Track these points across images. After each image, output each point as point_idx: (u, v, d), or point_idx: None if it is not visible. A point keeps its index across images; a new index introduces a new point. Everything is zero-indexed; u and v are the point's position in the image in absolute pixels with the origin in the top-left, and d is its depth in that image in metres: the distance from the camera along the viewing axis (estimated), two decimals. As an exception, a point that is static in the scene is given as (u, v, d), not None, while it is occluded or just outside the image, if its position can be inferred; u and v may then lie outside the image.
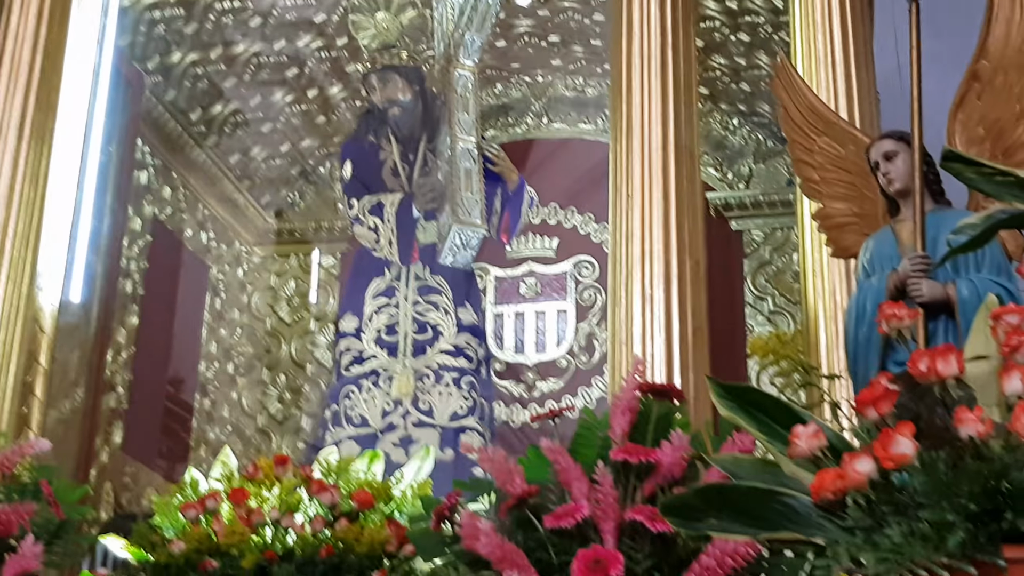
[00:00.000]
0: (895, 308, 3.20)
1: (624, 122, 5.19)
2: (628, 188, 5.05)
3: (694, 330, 4.78)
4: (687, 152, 5.11)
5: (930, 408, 2.38)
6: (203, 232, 8.17)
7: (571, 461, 3.49)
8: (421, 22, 6.63)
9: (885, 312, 3.22)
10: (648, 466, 3.38)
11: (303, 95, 8.10)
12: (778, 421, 2.76)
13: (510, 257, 8.09)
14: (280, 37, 7.60)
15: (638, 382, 3.62)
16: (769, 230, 7.97)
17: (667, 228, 4.96)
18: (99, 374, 6.63)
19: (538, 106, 8.46)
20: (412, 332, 6.15)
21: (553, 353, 7.95)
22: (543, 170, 8.17)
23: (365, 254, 6.38)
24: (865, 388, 2.68)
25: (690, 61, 5.33)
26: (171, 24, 7.24)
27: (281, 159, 8.51)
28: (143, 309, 7.29)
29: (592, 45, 7.86)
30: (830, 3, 5.41)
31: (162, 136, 7.59)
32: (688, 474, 3.42)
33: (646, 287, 4.83)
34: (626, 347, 4.79)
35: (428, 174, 6.30)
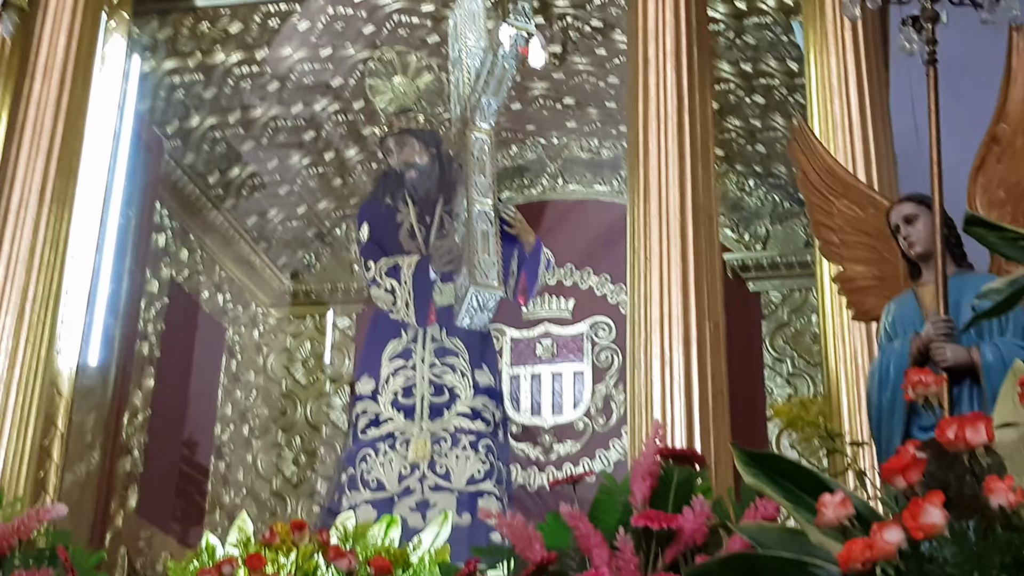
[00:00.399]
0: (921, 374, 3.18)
1: (641, 184, 5.19)
2: (646, 250, 5.04)
3: (714, 394, 4.74)
4: (705, 214, 5.10)
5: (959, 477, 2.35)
6: (220, 294, 8.18)
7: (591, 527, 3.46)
8: (438, 86, 6.67)
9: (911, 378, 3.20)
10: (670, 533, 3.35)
11: (320, 158, 8.14)
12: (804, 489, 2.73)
13: (526, 318, 8.07)
14: (297, 101, 7.65)
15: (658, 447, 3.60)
16: (787, 291, 7.95)
17: (686, 290, 4.94)
18: (115, 437, 6.61)
19: (554, 167, 8.48)
20: (429, 394, 6.12)
21: (570, 415, 7.91)
22: (559, 231, 8.17)
23: (382, 316, 6.37)
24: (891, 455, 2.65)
25: (706, 123, 5.34)
26: (190, 89, 7.30)
27: (298, 221, 8.53)
28: (159, 371, 7.28)
29: (607, 107, 7.88)
30: (846, 65, 5.42)
31: (180, 199, 7.63)
32: (711, 541, 3.39)
33: (665, 349, 4.81)
34: (645, 410, 4.75)
35: (445, 236, 6.31)
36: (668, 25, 5.40)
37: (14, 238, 5.55)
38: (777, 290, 7.97)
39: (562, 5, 7.10)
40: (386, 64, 6.71)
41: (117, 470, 6.69)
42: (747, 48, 7.03)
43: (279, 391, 8.49)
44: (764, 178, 8.02)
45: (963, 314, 3.81)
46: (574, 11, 7.12)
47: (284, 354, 8.60)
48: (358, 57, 7.38)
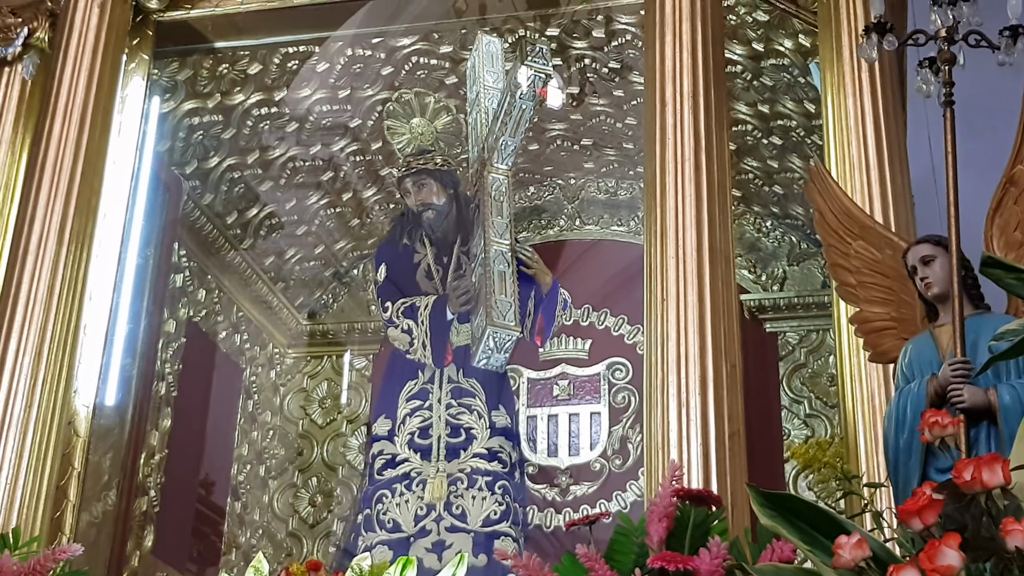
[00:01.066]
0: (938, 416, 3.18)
1: (658, 225, 5.20)
2: (663, 291, 5.05)
3: (731, 434, 4.74)
4: (722, 254, 5.11)
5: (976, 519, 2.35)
6: (237, 334, 8.19)
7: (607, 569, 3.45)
8: (456, 127, 6.71)
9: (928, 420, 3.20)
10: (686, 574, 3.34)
11: (338, 198, 8.17)
12: (820, 530, 2.73)
13: (543, 359, 8.06)
14: (316, 142, 7.69)
15: (675, 488, 3.59)
16: (804, 332, 7.93)
17: (702, 330, 4.94)
18: (132, 477, 6.62)
19: (571, 208, 8.49)
20: (445, 435, 6.13)
21: (587, 456, 7.88)
22: (576, 271, 8.17)
23: (398, 356, 6.39)
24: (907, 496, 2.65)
25: (723, 164, 5.36)
26: (209, 130, 7.35)
27: (315, 261, 8.55)
28: (176, 412, 7.29)
29: (624, 148, 7.91)
30: (863, 106, 5.44)
31: (198, 239, 7.66)
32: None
33: (682, 390, 4.81)
34: (662, 451, 4.75)
35: (462, 276, 6.33)
36: (685, 67, 5.43)
37: (33, 278, 5.59)
38: (794, 331, 7.95)
39: (580, 47, 7.14)
40: (404, 105, 6.75)
41: (133, 510, 6.69)
42: (764, 89, 7.05)
43: (296, 431, 8.49)
44: (781, 219, 8.02)
45: (980, 355, 3.81)
46: (592, 53, 7.16)
47: (301, 394, 8.60)
48: (376, 98, 7.43)
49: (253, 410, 8.25)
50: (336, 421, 8.48)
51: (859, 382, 4.91)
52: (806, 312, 7.89)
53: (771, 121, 7.25)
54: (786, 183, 7.67)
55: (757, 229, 8.11)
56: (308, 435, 8.48)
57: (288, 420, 8.51)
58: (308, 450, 8.43)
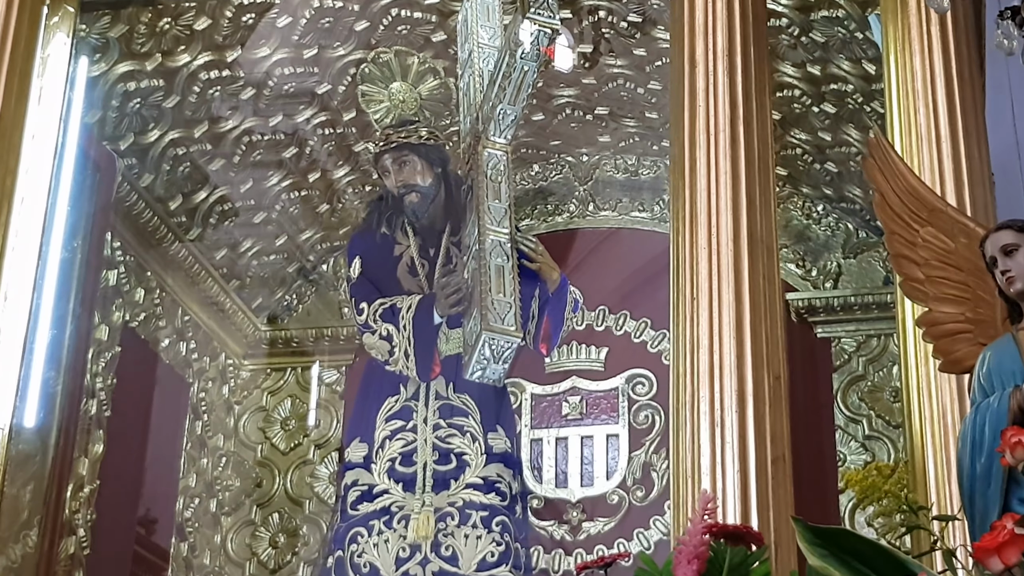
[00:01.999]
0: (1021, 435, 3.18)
1: (687, 209, 5.21)
2: (693, 288, 5.06)
3: (774, 460, 4.75)
4: (763, 245, 5.12)
5: (1067, 557, 2.36)
6: (182, 342, 8.20)
7: (627, 620, 3.46)
8: (444, 93, 6.70)
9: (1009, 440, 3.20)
10: (721, 626, 3.35)
11: (303, 179, 8.18)
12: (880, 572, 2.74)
13: (550, 371, 8.07)
14: (276, 111, 7.70)
15: (707, 523, 3.60)
16: (862, 338, 7.95)
17: (740, 337, 4.95)
18: (57, 513, 6.63)
19: (583, 191, 8.50)
20: (432, 462, 6.13)
21: (602, 487, 7.89)
22: (589, 266, 8.19)
23: (376, 368, 6.39)
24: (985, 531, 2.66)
25: (765, 137, 5.37)
26: (148, 98, 7.35)
27: (276, 255, 8.57)
28: (110, 435, 7.29)
29: (647, 118, 7.92)
30: (932, 67, 5.45)
31: (136, 229, 7.67)
32: (770, 636, 3.39)
33: (716, 408, 4.82)
34: (692, 480, 4.76)
35: (452, 272, 6.33)
36: (720, 20, 5.44)
37: (-63, 275, 5.60)
38: (851, 336, 7.98)
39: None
40: (382, 67, 6.75)
41: (58, 552, 6.70)
42: (815, 47, 7.06)
43: (253, 458, 8.50)
44: (835, 202, 8.03)
45: (1073, 363, 3.83)
46: (608, 4, 7.17)
47: (260, 414, 8.61)
48: (349, 59, 7.44)
49: (202, 433, 8.26)
50: (302, 446, 8.49)
51: (928, 396, 4.92)
52: (865, 314, 7.91)
53: (823, 85, 7.26)
54: (841, 159, 7.69)
55: (806, 214, 8.13)
56: (268, 463, 8.50)
57: (244, 445, 8.51)
58: (268, 481, 8.44)
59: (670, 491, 5.05)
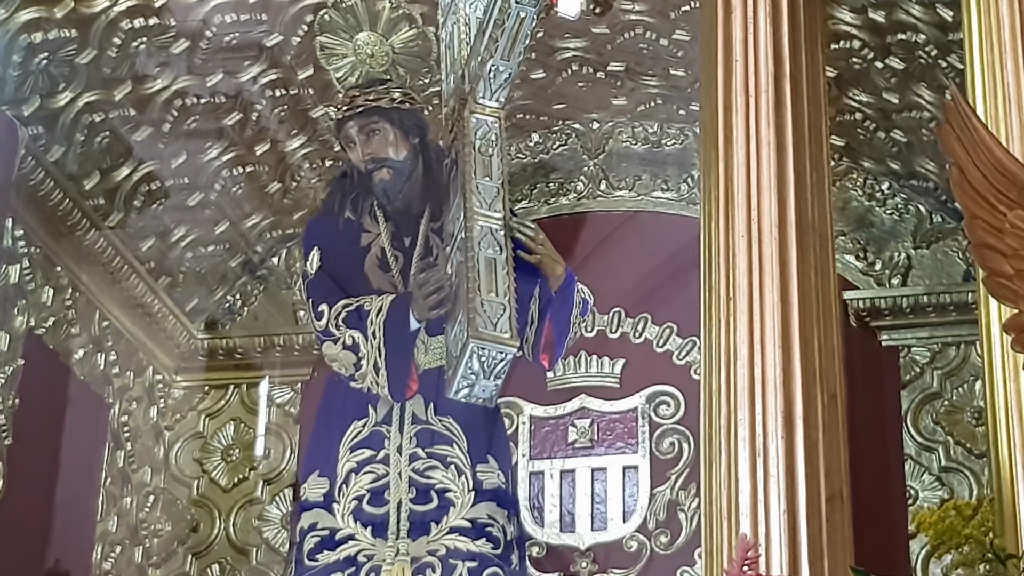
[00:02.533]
0: None
1: (721, 189, 5.22)
2: (729, 286, 5.07)
3: (829, 497, 4.75)
4: (815, 233, 5.13)
5: None
6: (100, 353, 8.20)
7: None
8: (422, 45, 6.70)
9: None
10: None
11: (248, 152, 8.19)
12: (960, 636, 2.75)
13: (553, 388, 8.09)
14: (216, 69, 7.71)
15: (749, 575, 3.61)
16: (938, 347, 7.97)
17: (787, 345, 4.95)
18: (-54, 564, 6.65)
19: (593, 165, 8.52)
20: (409, 501, 6.13)
21: (618, 531, 7.91)
22: (602, 259, 8.20)
23: (339, 385, 6.39)
24: (1090, 586, 2.66)
25: (818, 99, 5.38)
26: (58, 52, 7.35)
27: (215, 245, 8.57)
28: (11, 468, 7.31)
29: (672, 76, 7.93)
30: (1023, 12, 5.45)
31: (43, 214, 7.67)
32: None
33: (758, 434, 4.82)
34: (728, 523, 4.76)
35: (432, 266, 6.33)
36: (761, -47, 5.45)
37: None
38: (923, 345, 7.99)
39: (605, -74, 7.18)
40: (345, 14, 6.75)
41: (-52, 615, 6.72)
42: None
43: (188, 496, 8.50)
44: (903, 179, 8.05)
45: None
46: (623, -64, 7.20)
47: (196, 442, 8.62)
48: (304, 4, 7.45)
49: (125, 465, 8.26)
50: (248, 481, 8.50)
51: (1019, 418, 4.92)
52: (940, 317, 7.92)
53: (888, 35, 7.27)
54: (911, 126, 7.70)
55: (868, 195, 8.15)
56: (206, 502, 8.50)
57: (177, 480, 8.52)
58: (206, 524, 8.45)
59: (701, 536, 5.05)
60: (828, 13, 6.72)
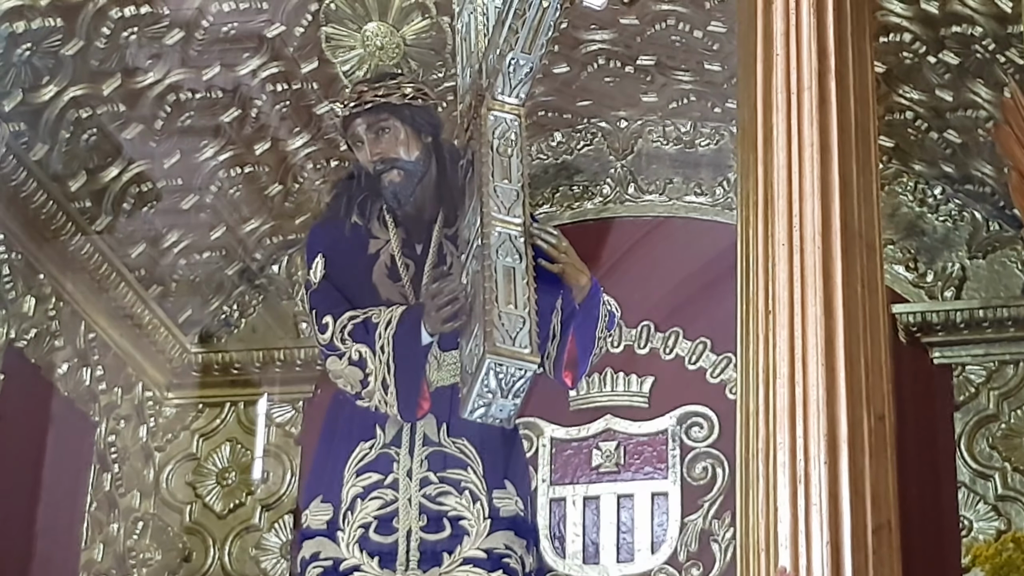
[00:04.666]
0: None
1: (760, 193, 5.22)
2: (768, 298, 5.07)
3: (877, 528, 4.76)
4: (862, 241, 5.13)
5: None
6: (86, 368, 8.22)
7: None
8: (436, 37, 6.72)
9: None
10: None
11: (247, 151, 8.21)
12: None
13: (576, 408, 8.10)
14: (212, 61, 7.73)
15: (788, 613, 3.63)
16: (995, 365, 7.96)
17: (831, 363, 4.95)
18: (-82, 596, 6.67)
19: (621, 167, 8.53)
20: (420, 529, 6.15)
21: (646, 563, 7.92)
22: (630, 269, 8.21)
23: (344, 404, 6.41)
24: None
25: (865, 96, 5.37)
26: (42, 43, 7.37)
27: (211, 252, 8.60)
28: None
29: (706, 71, 7.94)
30: (1088, 3, 5.47)
31: (24, 217, 7.69)
32: None
33: (799, 458, 4.82)
34: (766, 554, 4.77)
35: (445, 276, 6.35)
36: (803, -61, 5.47)
37: None
38: (978, 363, 7.99)
39: (634, -90, 7.20)
40: (353, 3, 6.78)
41: (-78, 649, 6.74)
42: (931, -24, 7.11)
43: (180, 523, 8.52)
44: (958, 184, 8.05)
45: None
46: (653, -80, 7.23)
47: (189, 464, 8.64)
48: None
49: (112, 488, 8.28)
50: (244, 507, 8.51)
51: (1082, 443, 4.93)
52: (997, 332, 7.92)
53: (941, 28, 7.28)
54: (966, 126, 7.70)
55: (919, 200, 8.16)
56: (200, 529, 8.52)
57: (168, 505, 8.54)
58: (200, 553, 8.47)
59: (736, 569, 5.06)
60: (877, 4, 6.74)
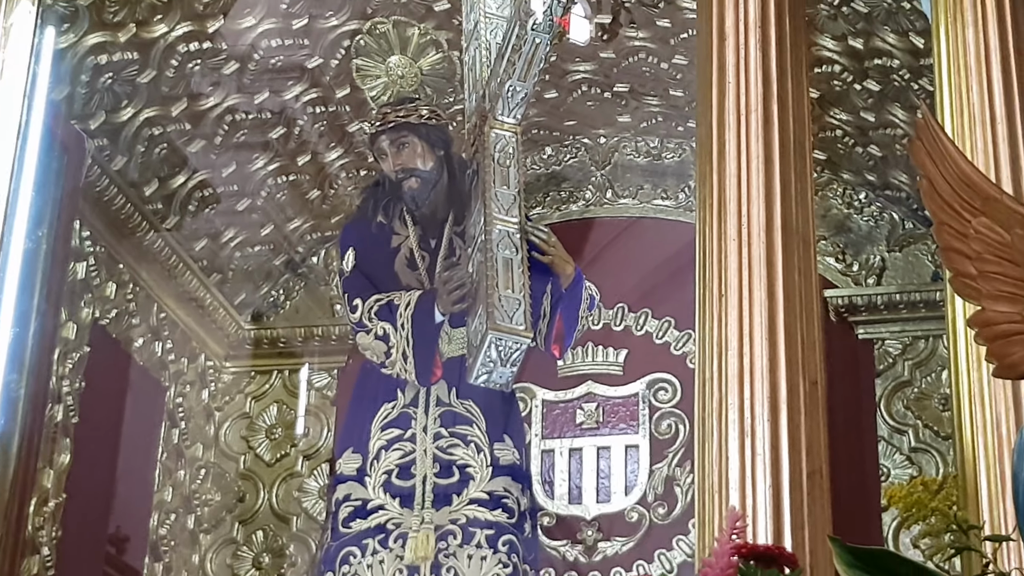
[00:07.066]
0: (1082, 446, 3.18)
1: (715, 198, 5.20)
2: (721, 284, 5.06)
3: (810, 473, 4.75)
4: (799, 237, 5.12)
5: None
6: (158, 342, 8.22)
7: (647, 650, 3.48)
8: (447, 68, 6.71)
9: (1069, 452, 3.19)
10: (751, 657, 3.36)
11: (291, 162, 8.19)
12: (926, 597, 2.74)
13: (563, 375, 8.08)
14: (262, 88, 7.72)
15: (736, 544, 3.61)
16: (909, 340, 7.95)
17: (773, 338, 4.95)
18: (19, 530, 6.64)
19: (600, 176, 8.51)
20: (433, 475, 6.15)
21: (620, 503, 7.90)
22: (607, 260, 8.20)
23: (371, 371, 6.41)
24: (1043, 553, 2.66)
25: (802, 117, 5.36)
26: (121, 72, 7.36)
27: (261, 246, 8.58)
28: (77, 444, 7.31)
29: (671, 96, 7.92)
30: (987, 41, 5.43)
31: (107, 217, 7.68)
32: (804, 668, 3.40)
33: (746, 416, 4.81)
34: (719, 496, 4.76)
35: (455, 266, 6.34)
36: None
37: None
38: (896, 338, 7.98)
39: (612, -39, 7.18)
40: (379, 39, 6.77)
41: (20, 573, 6.71)
42: (857, 18, 7.06)
43: (235, 470, 8.51)
44: (879, 190, 8.04)
45: None
46: (628, -31, 7.20)
47: (242, 421, 8.63)
48: (343, 30, 7.46)
49: (179, 442, 8.27)
50: (289, 456, 8.50)
51: (981, 405, 4.91)
52: (911, 313, 7.91)
53: (866, 60, 7.27)
54: (885, 142, 7.69)
55: (847, 203, 8.14)
56: (252, 475, 8.51)
57: (225, 455, 8.53)
58: (252, 495, 8.46)
59: (695, 508, 5.05)
60: (812, 40, 6.72)
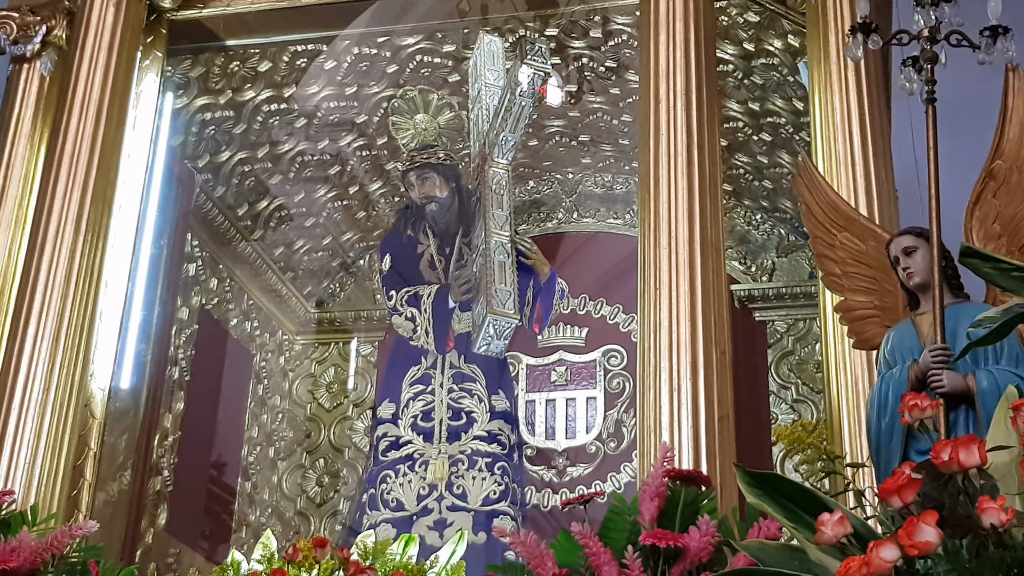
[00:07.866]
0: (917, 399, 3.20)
1: (652, 218, 5.21)
2: (656, 280, 5.06)
3: (720, 418, 4.75)
4: (713, 246, 5.12)
5: (953, 497, 2.36)
6: (247, 321, 8.20)
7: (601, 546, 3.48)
8: (458, 123, 6.71)
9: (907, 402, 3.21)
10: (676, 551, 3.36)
11: (344, 191, 8.17)
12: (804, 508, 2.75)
13: (541, 346, 8.06)
14: (323, 137, 7.69)
15: (666, 469, 3.61)
16: (792, 321, 7.94)
17: (694, 319, 4.95)
18: (146, 458, 6.63)
19: (569, 202, 8.49)
20: (447, 418, 6.15)
21: (583, 439, 7.89)
22: (573, 263, 8.17)
23: (402, 343, 6.41)
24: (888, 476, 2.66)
25: (715, 159, 5.36)
26: (220, 125, 7.35)
27: (322, 252, 8.56)
28: (189, 395, 7.29)
29: (620, 144, 7.90)
30: (849, 104, 5.44)
31: (210, 230, 7.67)
32: (715, 559, 3.40)
33: (674, 376, 4.82)
34: (654, 434, 4.76)
35: (463, 266, 6.34)
36: (679, 66, 5.44)
37: (51, 267, 5.60)
38: (782, 320, 7.96)
39: (578, 46, 7.13)
40: (409, 102, 6.77)
41: (148, 489, 6.71)
42: (755, 88, 7.05)
43: (304, 415, 8.50)
44: (770, 212, 8.02)
45: (959, 342, 3.82)
46: (589, 52, 7.16)
47: (309, 379, 8.61)
48: (382, 95, 7.43)
49: (263, 394, 8.26)
50: (342, 405, 8.48)
51: (843, 368, 4.92)
52: (794, 301, 7.89)
53: (761, 118, 7.25)
54: (775, 178, 7.68)
55: (747, 222, 8.12)
56: (315, 418, 8.49)
57: (296, 404, 8.52)
58: (315, 433, 8.44)
59: (637, 443, 5.05)
60: (722, 104, 6.71)
